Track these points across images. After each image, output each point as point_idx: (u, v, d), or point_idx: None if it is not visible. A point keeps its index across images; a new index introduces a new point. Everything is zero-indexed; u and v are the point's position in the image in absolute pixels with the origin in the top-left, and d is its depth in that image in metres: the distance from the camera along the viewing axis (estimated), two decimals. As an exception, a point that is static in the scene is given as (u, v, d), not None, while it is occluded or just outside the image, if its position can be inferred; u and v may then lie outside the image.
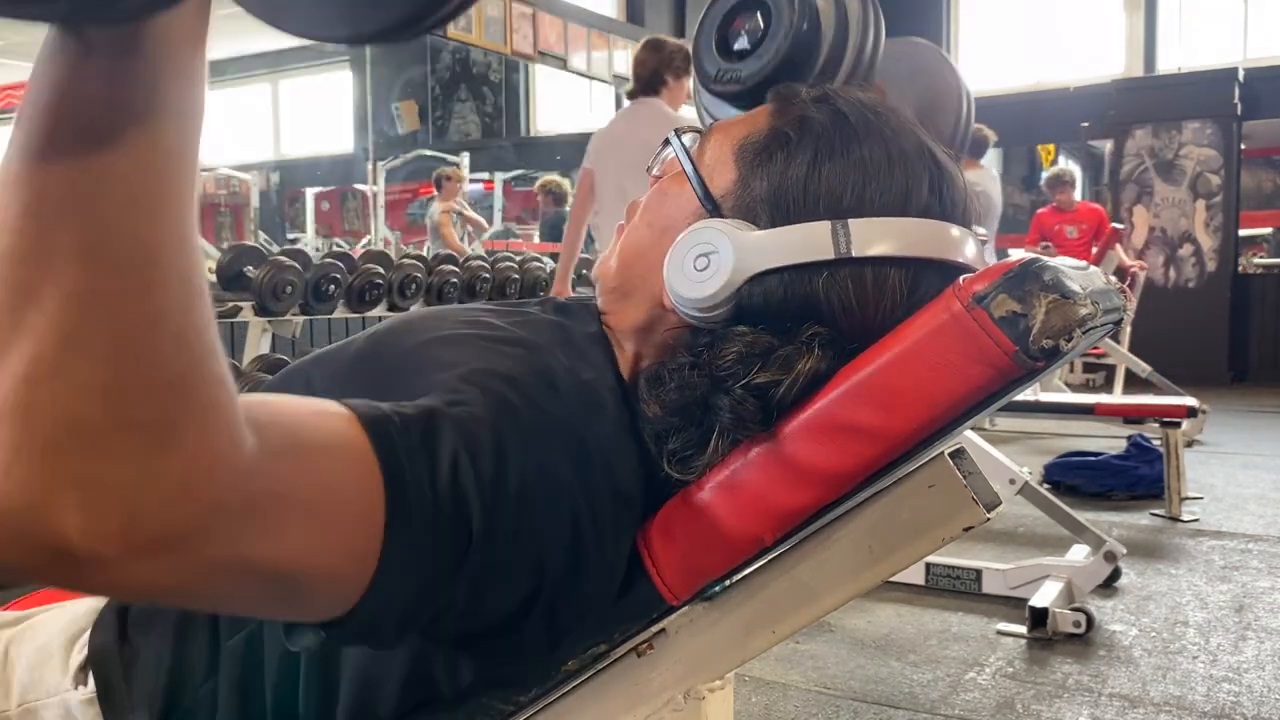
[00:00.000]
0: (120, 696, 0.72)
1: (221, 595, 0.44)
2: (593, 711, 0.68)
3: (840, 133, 0.67)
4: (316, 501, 0.46)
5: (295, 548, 0.45)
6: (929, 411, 0.59)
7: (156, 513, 0.37)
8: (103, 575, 0.37)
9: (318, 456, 0.47)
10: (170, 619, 0.72)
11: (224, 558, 0.41)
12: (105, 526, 0.36)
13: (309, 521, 0.45)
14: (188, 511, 0.38)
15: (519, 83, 9.36)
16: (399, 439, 0.50)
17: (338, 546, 0.47)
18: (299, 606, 0.50)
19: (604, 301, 0.75)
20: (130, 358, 0.36)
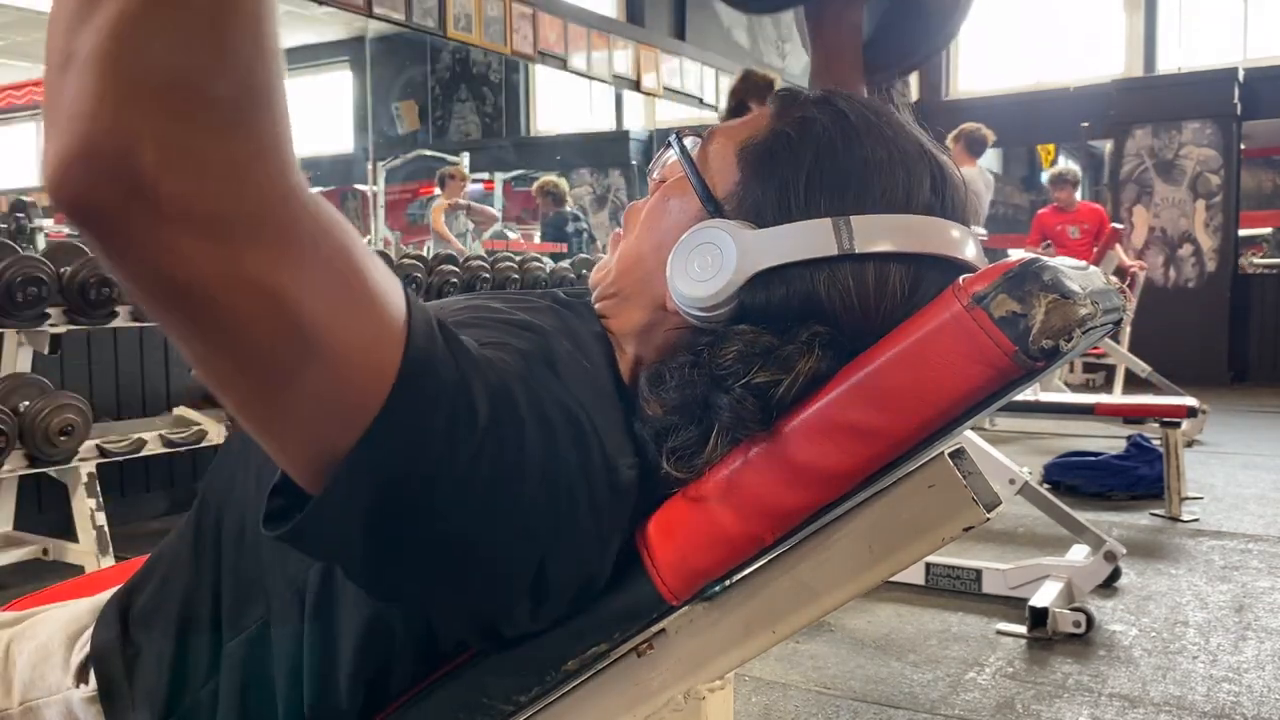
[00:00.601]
0: (122, 695, 0.72)
1: (246, 320, 0.44)
2: (593, 711, 0.68)
3: (842, 133, 0.68)
4: (351, 287, 0.48)
5: (320, 310, 0.46)
6: (929, 411, 0.59)
7: (217, 184, 0.41)
8: (157, 238, 0.41)
9: (363, 259, 0.49)
10: (172, 618, 0.72)
11: (259, 269, 0.43)
12: (173, 180, 0.40)
13: (339, 297, 0.47)
14: (241, 197, 0.42)
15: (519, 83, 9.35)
16: (433, 324, 0.52)
17: (355, 346, 0.48)
18: (297, 411, 0.48)
19: (603, 306, 0.75)
20: (209, 30, 0.40)
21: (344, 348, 0.47)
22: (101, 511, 2.87)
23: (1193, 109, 7.63)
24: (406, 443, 0.51)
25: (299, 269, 0.45)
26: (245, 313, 0.44)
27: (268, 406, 0.49)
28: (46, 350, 2.88)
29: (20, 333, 2.83)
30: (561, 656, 0.66)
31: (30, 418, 2.67)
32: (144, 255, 0.42)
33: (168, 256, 0.41)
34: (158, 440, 3.06)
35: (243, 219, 0.42)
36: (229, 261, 0.42)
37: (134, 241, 0.41)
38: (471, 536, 0.56)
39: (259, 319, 0.44)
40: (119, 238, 0.41)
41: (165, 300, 0.44)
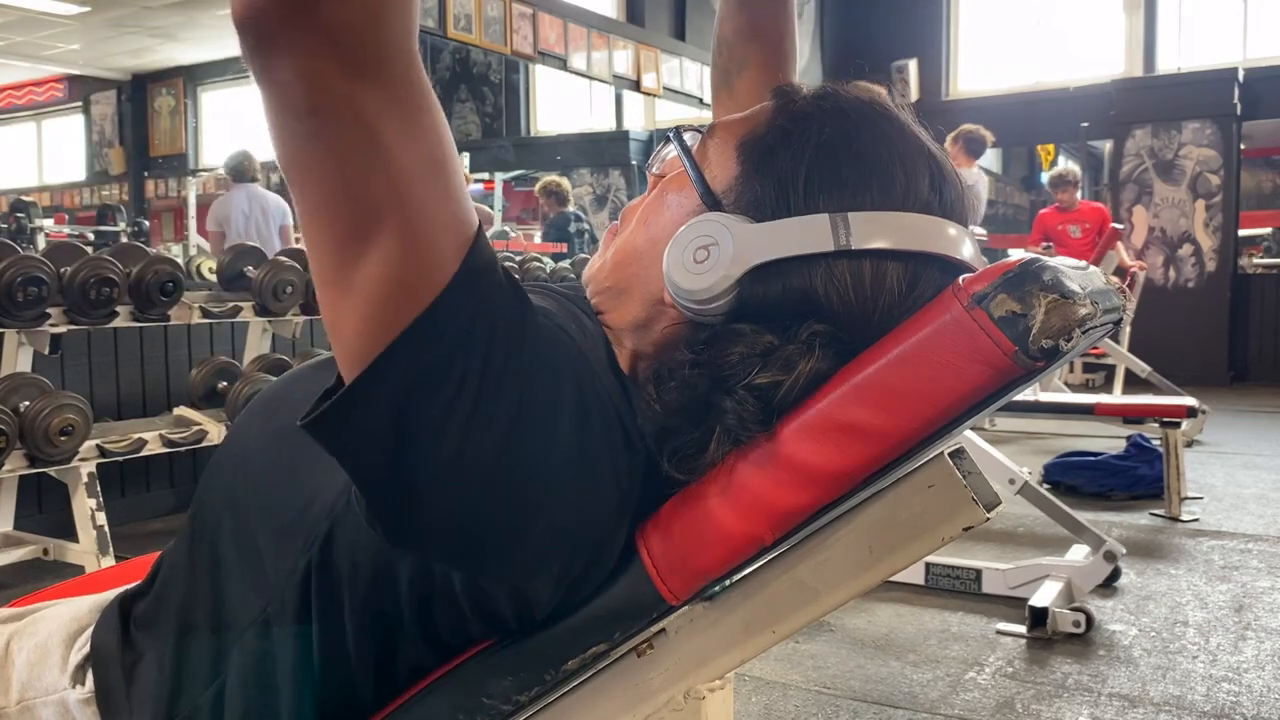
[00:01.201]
0: (118, 699, 0.72)
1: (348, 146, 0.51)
2: (593, 711, 0.68)
3: (841, 129, 0.68)
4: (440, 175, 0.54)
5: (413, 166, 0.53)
6: (929, 411, 0.59)
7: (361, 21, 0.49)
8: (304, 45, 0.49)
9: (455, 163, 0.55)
10: (170, 625, 0.72)
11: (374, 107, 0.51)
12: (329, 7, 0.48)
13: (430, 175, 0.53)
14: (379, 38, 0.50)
15: (519, 83, 9.35)
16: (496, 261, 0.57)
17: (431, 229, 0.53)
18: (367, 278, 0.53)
19: (598, 301, 0.75)
20: None
21: (421, 221, 0.53)
22: (101, 511, 2.87)
23: (1193, 109, 7.63)
24: (448, 344, 0.54)
25: (404, 124, 0.52)
26: (356, 146, 0.51)
27: (345, 262, 0.54)
28: (46, 350, 2.88)
29: (20, 333, 2.83)
30: (561, 656, 0.66)
31: (30, 418, 2.67)
32: (288, 67, 0.49)
33: (307, 73, 0.49)
34: (158, 440, 3.06)
35: (374, 58, 0.50)
36: (353, 91, 0.50)
37: (284, 53, 0.49)
38: (499, 467, 0.56)
39: (364, 155, 0.51)
40: (273, 47, 0.49)
41: (293, 116, 0.51)
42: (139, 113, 11.26)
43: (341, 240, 0.53)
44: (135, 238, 7.27)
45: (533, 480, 0.58)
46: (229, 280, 3.37)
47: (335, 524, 0.65)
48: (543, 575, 0.62)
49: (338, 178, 0.52)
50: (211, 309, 3.21)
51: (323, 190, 0.53)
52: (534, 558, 0.61)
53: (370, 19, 0.50)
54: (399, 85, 0.52)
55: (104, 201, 10.29)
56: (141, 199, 11.15)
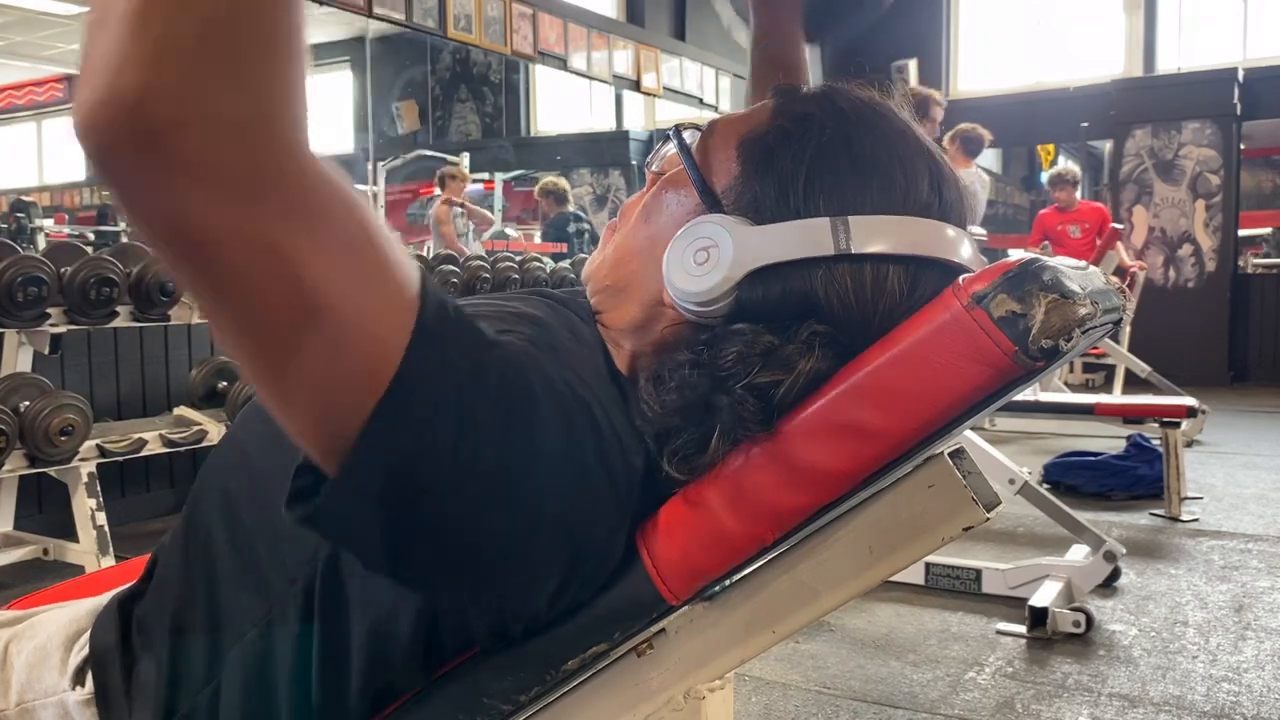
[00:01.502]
0: (118, 700, 0.72)
1: (254, 278, 0.46)
2: (593, 711, 0.68)
3: (841, 130, 0.68)
4: (361, 257, 0.49)
5: (328, 278, 0.47)
6: (929, 411, 0.59)
7: (233, 140, 0.43)
8: (171, 185, 0.43)
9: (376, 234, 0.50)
10: (166, 625, 0.71)
11: (268, 227, 0.45)
12: (190, 132, 0.42)
13: (347, 266, 0.48)
14: (256, 156, 0.44)
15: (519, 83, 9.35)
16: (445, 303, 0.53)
17: (364, 316, 0.49)
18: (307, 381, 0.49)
19: (597, 301, 0.75)
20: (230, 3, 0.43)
21: (352, 314, 0.48)
22: (101, 511, 2.87)
23: (1193, 109, 7.63)
24: (418, 418, 0.51)
25: (307, 230, 0.46)
26: (253, 269, 0.45)
27: (278, 372, 0.50)
28: (46, 350, 2.88)
29: (20, 333, 2.83)
30: (561, 656, 0.66)
31: (30, 418, 2.67)
32: (156, 204, 0.44)
33: (178, 207, 0.43)
34: (158, 440, 3.06)
35: (253, 177, 0.44)
36: (237, 217, 0.44)
37: (147, 190, 0.43)
38: (491, 512, 0.56)
39: (266, 276, 0.46)
40: (134, 185, 0.43)
41: (177, 250, 0.45)
42: (139, 113, 11.21)
43: (268, 358, 0.49)
44: (135, 238, 7.26)
45: (528, 517, 0.57)
46: (229, 280, 3.36)
47: None
48: (540, 592, 0.62)
49: (244, 300, 0.47)
50: (211, 309, 3.20)
51: (231, 314, 0.48)
52: (534, 581, 0.61)
53: (244, 135, 0.43)
54: (295, 193, 0.45)
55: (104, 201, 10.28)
56: (141, 199, 11.11)
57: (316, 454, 0.52)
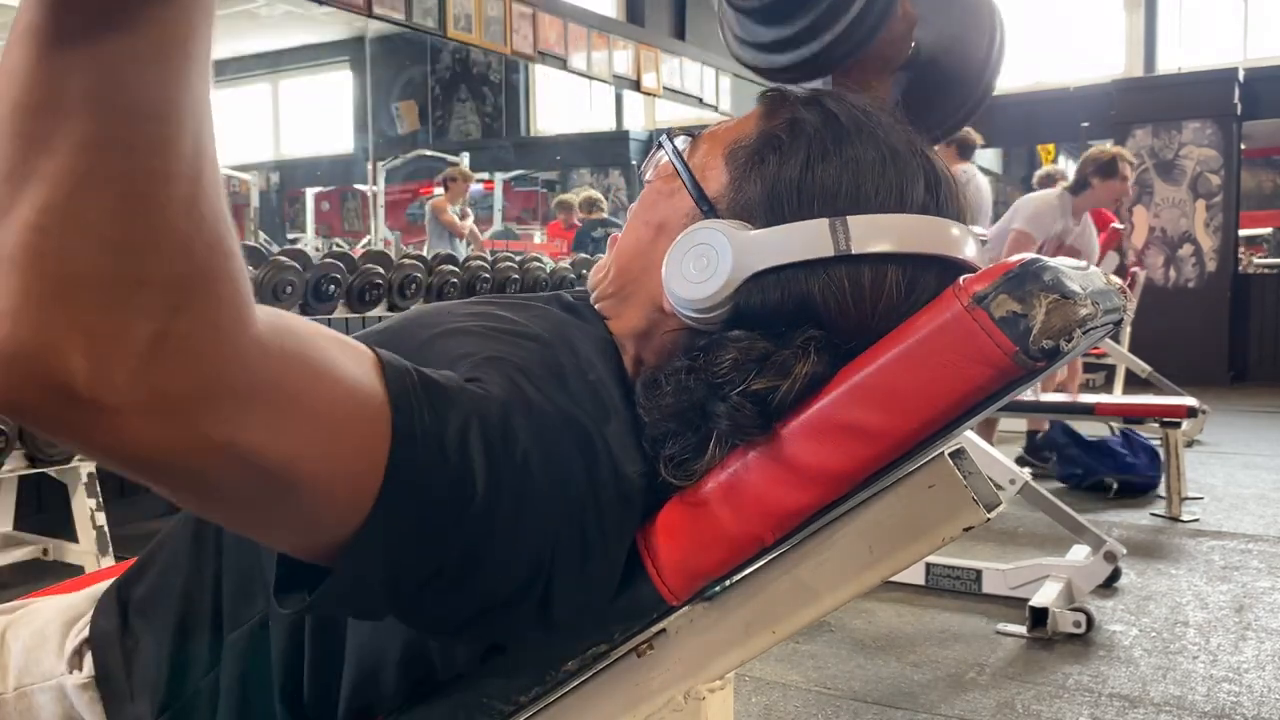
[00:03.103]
0: (119, 683, 0.72)
1: (219, 481, 0.43)
2: (593, 711, 0.68)
3: (831, 133, 0.67)
4: (321, 412, 0.46)
5: (294, 450, 0.44)
6: (929, 411, 0.59)
7: (159, 370, 0.38)
8: (106, 428, 0.38)
9: (329, 370, 0.47)
10: (172, 611, 0.72)
11: (223, 437, 0.41)
12: (109, 376, 0.37)
13: (311, 428, 0.45)
14: (190, 375, 0.39)
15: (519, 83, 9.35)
16: (414, 390, 0.51)
17: (337, 464, 0.47)
18: (290, 525, 0.49)
19: (603, 307, 0.75)
20: (139, 213, 0.36)
21: (324, 469, 0.47)
22: (101, 511, 2.87)
23: (1193, 109, 7.62)
24: (410, 517, 0.51)
25: (261, 422, 0.43)
26: (214, 474, 0.43)
27: (260, 530, 0.50)
28: (46, 350, 2.88)
29: (20, 333, 2.82)
30: (561, 656, 0.66)
31: (30, 418, 2.67)
32: (93, 444, 0.39)
33: (118, 442, 0.39)
34: (158, 440, 3.05)
35: (196, 397, 0.40)
36: (186, 435, 0.40)
37: (78, 435, 0.39)
38: (483, 577, 0.56)
39: (229, 476, 0.43)
40: (62, 434, 0.38)
41: (134, 473, 0.41)
42: (139, 113, 11.22)
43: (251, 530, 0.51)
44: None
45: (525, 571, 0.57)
46: (229, 280, 3.36)
47: None
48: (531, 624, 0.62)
49: (215, 498, 0.45)
50: (211, 309, 3.20)
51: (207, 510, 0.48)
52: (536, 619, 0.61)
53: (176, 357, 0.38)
54: (242, 392, 0.41)
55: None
56: (141, 199, 11.12)
57: (305, 557, 0.52)
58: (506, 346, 0.63)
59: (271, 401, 0.43)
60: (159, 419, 0.39)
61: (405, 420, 0.50)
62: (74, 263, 0.36)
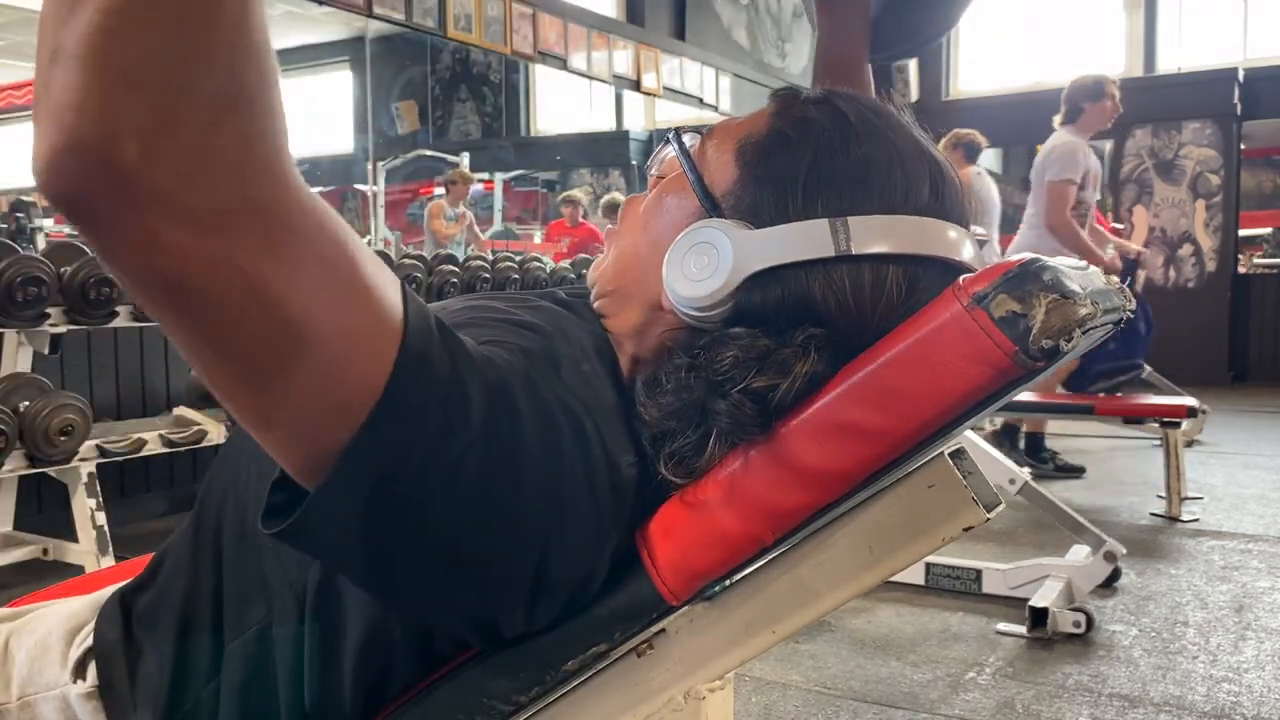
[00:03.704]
0: (122, 693, 0.72)
1: (231, 311, 0.45)
2: (593, 711, 0.68)
3: (840, 133, 0.68)
4: (342, 290, 0.48)
5: (310, 308, 0.46)
6: (929, 411, 0.59)
7: (200, 175, 0.41)
8: (145, 225, 0.41)
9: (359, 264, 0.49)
10: (172, 620, 0.72)
11: (247, 263, 0.44)
12: (160, 168, 0.40)
13: (330, 299, 0.47)
14: (227, 188, 0.42)
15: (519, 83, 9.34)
16: (431, 326, 0.52)
17: (346, 350, 0.48)
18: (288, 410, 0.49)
19: (601, 304, 0.75)
20: (194, 26, 0.40)
21: (336, 341, 0.48)
22: (101, 511, 2.87)
23: (1193, 109, 7.62)
24: (401, 438, 0.51)
25: (289, 262, 0.45)
26: (235, 306, 0.44)
27: (262, 400, 0.49)
28: (46, 350, 2.88)
29: (20, 333, 2.83)
30: (561, 656, 0.66)
31: (30, 418, 2.67)
32: (131, 246, 0.42)
33: (155, 248, 0.42)
34: (158, 440, 3.06)
35: (229, 212, 0.42)
36: (216, 254, 0.43)
37: (121, 233, 0.42)
38: (469, 534, 0.56)
39: (249, 312, 0.45)
40: (106, 229, 0.41)
41: (156, 291, 0.44)
42: (139, 113, 11.22)
43: (249, 391, 0.48)
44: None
45: (506, 539, 0.57)
46: (229, 280, 3.36)
47: None
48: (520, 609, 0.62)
49: (226, 335, 0.46)
50: (211, 309, 3.20)
51: (213, 350, 0.47)
52: (506, 602, 0.61)
53: (218, 169, 0.42)
54: (274, 225, 0.44)
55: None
56: (141, 199, 11.12)
57: (294, 470, 0.52)
58: (506, 334, 0.64)
59: (299, 252, 0.45)
60: (194, 228, 0.42)
61: (416, 344, 0.50)
62: (133, 63, 0.39)
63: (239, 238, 0.43)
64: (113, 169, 0.40)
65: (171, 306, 0.45)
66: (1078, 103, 4.31)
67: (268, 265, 0.44)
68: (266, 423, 0.50)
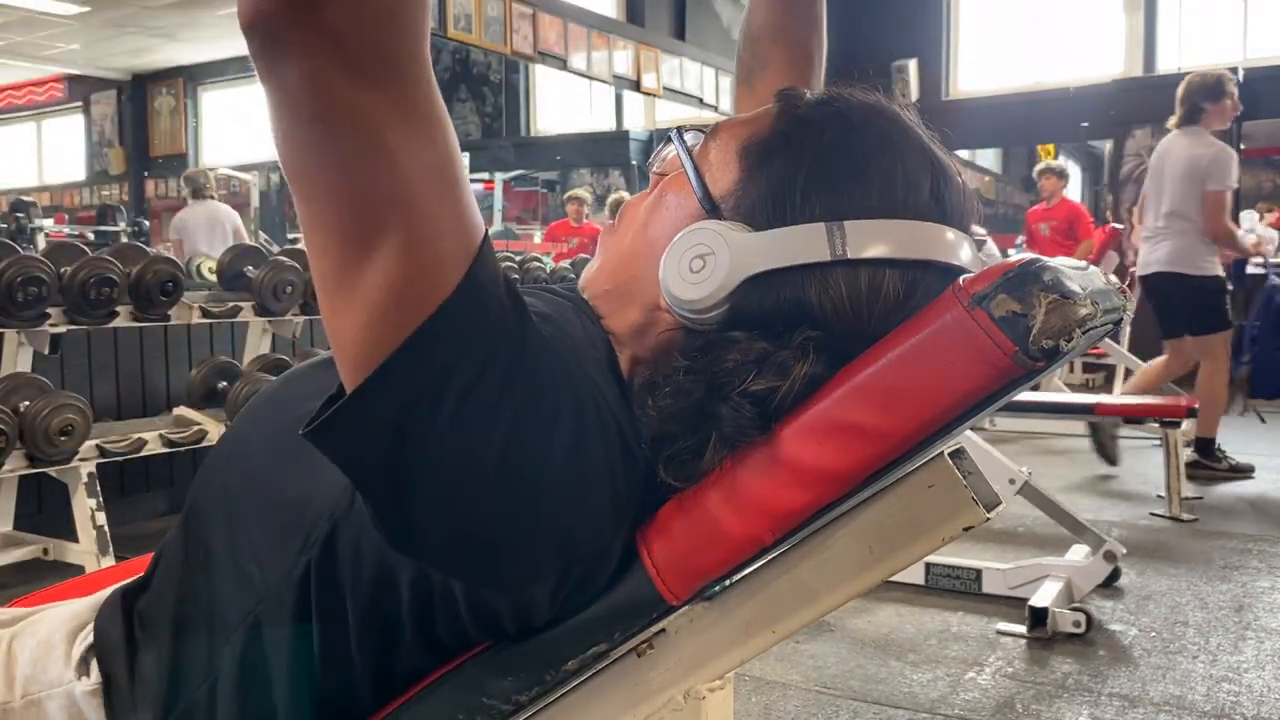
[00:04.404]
0: (123, 691, 0.72)
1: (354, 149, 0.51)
2: (593, 711, 0.68)
3: (842, 135, 0.68)
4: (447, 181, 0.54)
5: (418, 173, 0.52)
6: (929, 411, 0.59)
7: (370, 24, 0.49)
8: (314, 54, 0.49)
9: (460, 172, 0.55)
10: (167, 619, 0.72)
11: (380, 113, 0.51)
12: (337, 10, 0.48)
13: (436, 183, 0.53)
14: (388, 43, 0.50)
15: (519, 83, 9.35)
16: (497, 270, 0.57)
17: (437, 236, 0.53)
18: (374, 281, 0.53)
19: (598, 304, 0.75)
20: None
21: (428, 224, 0.53)
22: (101, 511, 2.87)
23: (1193, 109, 7.61)
24: (451, 351, 0.53)
25: (412, 130, 0.52)
26: (357, 148, 0.51)
27: (346, 265, 0.53)
28: (46, 350, 2.88)
29: (20, 333, 2.83)
30: (561, 656, 0.66)
31: (30, 418, 2.67)
32: (294, 71, 0.49)
33: (312, 77, 0.49)
34: (158, 440, 3.06)
35: (380, 60, 0.50)
36: (358, 96, 0.50)
37: (289, 56, 0.49)
38: (487, 491, 0.56)
39: (366, 157, 0.51)
40: (280, 51, 0.49)
41: (297, 118, 0.51)
42: (139, 113, 11.26)
43: (344, 246, 0.53)
44: (135, 238, 7.27)
45: (530, 493, 0.58)
46: (229, 280, 3.37)
47: (338, 524, 0.64)
48: (540, 585, 0.62)
49: (341, 183, 0.52)
50: (211, 309, 3.21)
51: (326, 196, 0.52)
52: (531, 568, 0.61)
53: (376, 23, 0.49)
54: (406, 91, 0.51)
55: (104, 201, 10.28)
56: (141, 199, 11.15)
57: (348, 372, 0.55)
58: None
59: (421, 127, 0.52)
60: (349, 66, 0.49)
61: (484, 272, 0.55)
62: None
63: (382, 89, 0.50)
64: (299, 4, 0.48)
65: (306, 138, 0.51)
66: (1197, 103, 4.10)
67: (396, 123, 0.51)
68: (343, 299, 0.54)
